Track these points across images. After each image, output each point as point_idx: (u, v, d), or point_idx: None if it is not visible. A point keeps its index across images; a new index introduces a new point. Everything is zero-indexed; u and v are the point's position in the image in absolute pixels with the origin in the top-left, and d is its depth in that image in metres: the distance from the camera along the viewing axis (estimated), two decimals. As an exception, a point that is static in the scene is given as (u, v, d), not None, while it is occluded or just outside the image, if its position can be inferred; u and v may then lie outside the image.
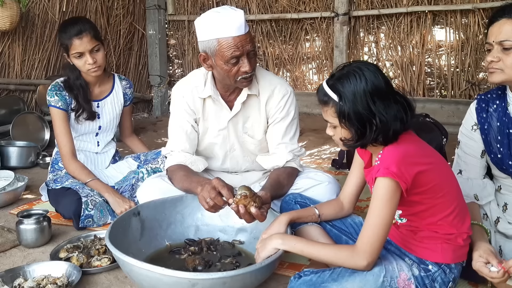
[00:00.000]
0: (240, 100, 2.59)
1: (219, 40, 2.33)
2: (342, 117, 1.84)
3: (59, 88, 3.14)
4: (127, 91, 3.41)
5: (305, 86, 6.66)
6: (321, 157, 4.80)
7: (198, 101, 2.63)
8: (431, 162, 1.87)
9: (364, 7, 5.93)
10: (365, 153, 2.07)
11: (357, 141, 1.87)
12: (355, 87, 1.81)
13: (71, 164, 3.09)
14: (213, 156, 2.78)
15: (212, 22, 2.34)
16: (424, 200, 1.85)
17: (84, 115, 3.20)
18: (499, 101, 2.20)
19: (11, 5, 4.60)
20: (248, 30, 2.37)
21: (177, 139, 2.64)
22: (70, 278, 2.25)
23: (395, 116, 1.81)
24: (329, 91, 1.87)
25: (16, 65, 5.27)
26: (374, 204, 1.81)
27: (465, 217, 1.93)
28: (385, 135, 1.81)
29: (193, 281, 1.83)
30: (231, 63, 2.36)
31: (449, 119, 5.36)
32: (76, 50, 3.01)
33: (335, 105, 1.85)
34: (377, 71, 1.85)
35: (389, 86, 1.86)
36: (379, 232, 1.79)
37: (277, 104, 2.62)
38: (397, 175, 1.74)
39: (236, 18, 2.31)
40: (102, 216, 2.93)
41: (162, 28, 6.99)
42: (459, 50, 5.58)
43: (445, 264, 1.88)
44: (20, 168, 4.24)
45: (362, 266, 1.81)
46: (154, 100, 7.12)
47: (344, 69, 1.88)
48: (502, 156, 2.17)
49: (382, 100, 1.81)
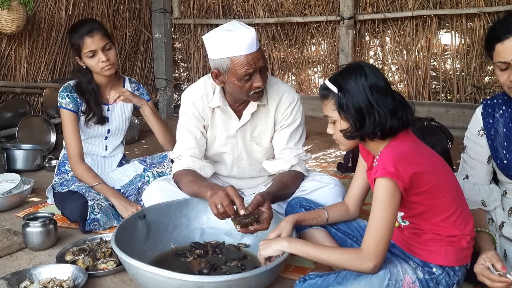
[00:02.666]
0: (250, 110, 2.61)
1: (232, 59, 2.34)
2: (341, 109, 1.88)
3: (71, 90, 3.14)
4: (136, 93, 3.35)
5: (311, 89, 6.66)
6: (326, 160, 4.80)
7: (208, 109, 2.63)
8: (429, 163, 1.87)
9: (370, 11, 5.93)
10: (368, 155, 2.07)
11: (356, 132, 1.89)
12: (355, 80, 1.86)
13: (79, 167, 3.09)
14: (221, 163, 2.79)
15: (224, 41, 2.34)
16: (424, 201, 1.86)
17: (94, 119, 3.19)
18: (505, 106, 2.19)
19: (18, 8, 4.62)
20: (259, 46, 2.38)
21: (186, 144, 2.64)
22: (76, 281, 2.25)
23: (393, 112, 1.84)
24: (330, 85, 1.92)
25: (22, 68, 5.29)
26: (375, 205, 1.81)
27: (468, 219, 1.93)
28: (383, 129, 1.84)
29: (198, 284, 1.83)
30: (245, 80, 2.37)
31: (455, 123, 5.35)
32: (89, 48, 3.01)
33: (335, 97, 1.90)
34: (377, 70, 1.90)
35: (388, 85, 1.90)
36: (383, 233, 1.79)
37: (284, 111, 2.64)
38: (394, 174, 1.75)
39: (248, 36, 2.32)
40: (108, 220, 2.93)
41: (168, 32, 7.00)
42: (464, 54, 5.57)
43: (449, 267, 1.88)
44: (26, 171, 4.26)
45: (369, 268, 1.81)
46: (159, 104, 7.13)
47: (347, 67, 1.94)
48: (508, 162, 2.16)
49: (380, 94, 1.85)
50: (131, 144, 5.36)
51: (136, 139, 5.62)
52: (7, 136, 4.89)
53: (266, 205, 2.20)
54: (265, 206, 2.20)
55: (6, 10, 4.52)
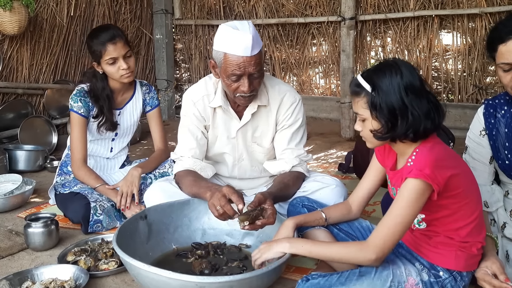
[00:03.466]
0: (250, 111, 2.61)
1: (225, 55, 2.36)
2: (374, 108, 1.81)
3: (84, 95, 3.11)
4: (146, 97, 3.36)
5: (312, 90, 6.66)
6: (327, 161, 4.80)
7: (209, 109, 2.64)
8: (459, 166, 1.86)
9: (371, 11, 5.92)
10: (389, 156, 2.05)
11: (387, 133, 1.84)
12: (390, 79, 1.79)
13: (80, 171, 3.08)
14: (222, 163, 2.80)
15: (226, 36, 2.36)
16: (451, 205, 1.83)
17: (106, 125, 3.18)
18: (507, 106, 2.19)
19: (20, 9, 4.63)
20: (256, 53, 2.36)
21: (187, 145, 2.65)
22: (77, 281, 2.26)
23: (427, 114, 1.79)
24: (363, 81, 1.85)
25: (24, 69, 5.30)
26: (398, 202, 1.78)
27: (482, 227, 1.91)
28: (416, 131, 1.79)
29: (200, 284, 1.83)
30: (232, 79, 2.39)
31: (456, 123, 5.35)
32: (110, 55, 3.00)
33: (367, 96, 1.83)
34: (413, 69, 1.84)
35: (423, 85, 1.84)
36: (396, 231, 1.77)
37: (285, 111, 2.64)
38: (430, 177, 1.73)
39: (246, 40, 2.32)
40: (111, 221, 2.94)
41: (169, 33, 7.01)
42: (466, 55, 5.57)
43: (457, 272, 1.87)
44: (28, 171, 4.26)
45: (370, 260, 1.80)
46: (161, 104, 7.11)
47: (381, 64, 1.88)
48: (510, 162, 2.16)
49: (415, 95, 1.79)
50: (133, 144, 5.35)
51: (138, 139, 5.62)
52: (9, 137, 4.90)
53: (268, 202, 2.19)
54: (267, 203, 2.19)
55: (8, 11, 4.53)
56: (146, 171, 3.12)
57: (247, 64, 2.34)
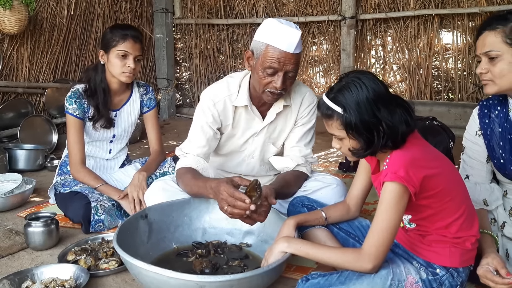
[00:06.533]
0: (276, 110, 2.61)
1: (267, 46, 2.35)
2: (350, 128, 1.82)
3: (79, 96, 3.10)
4: (144, 98, 3.35)
5: (312, 89, 6.64)
6: (328, 160, 4.80)
7: (230, 108, 2.62)
8: (438, 166, 1.86)
9: (371, 10, 5.93)
10: (372, 159, 2.06)
11: (366, 150, 1.86)
12: (357, 96, 1.80)
13: (80, 173, 3.06)
14: (231, 159, 2.80)
15: (271, 28, 2.36)
16: (433, 204, 1.84)
17: (102, 122, 3.17)
18: (500, 107, 2.22)
19: (20, 8, 4.63)
20: (298, 52, 2.37)
21: (196, 142, 2.61)
22: (78, 280, 2.26)
23: (400, 119, 1.81)
24: (332, 104, 1.85)
25: (24, 68, 5.30)
26: (381, 208, 1.80)
27: (473, 221, 1.92)
28: (394, 139, 1.81)
29: (200, 283, 1.83)
30: (267, 72, 2.37)
31: (456, 122, 5.35)
32: (126, 48, 3.01)
33: (340, 118, 1.83)
34: (375, 78, 1.84)
35: (389, 91, 1.86)
36: (385, 236, 1.79)
37: (303, 110, 2.67)
38: (405, 179, 1.74)
39: (292, 36, 2.32)
40: (112, 220, 2.93)
41: (170, 32, 7.01)
42: (466, 54, 5.58)
43: (453, 268, 1.88)
44: (28, 171, 4.26)
45: (367, 269, 1.81)
46: (161, 103, 7.14)
47: (343, 81, 1.87)
48: (504, 161, 2.17)
49: (385, 105, 1.80)
50: (133, 144, 5.36)
51: (138, 138, 5.62)
52: (9, 136, 4.90)
53: (269, 199, 2.18)
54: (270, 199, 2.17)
55: (8, 10, 4.53)
56: (150, 174, 3.13)
57: (287, 60, 2.34)
